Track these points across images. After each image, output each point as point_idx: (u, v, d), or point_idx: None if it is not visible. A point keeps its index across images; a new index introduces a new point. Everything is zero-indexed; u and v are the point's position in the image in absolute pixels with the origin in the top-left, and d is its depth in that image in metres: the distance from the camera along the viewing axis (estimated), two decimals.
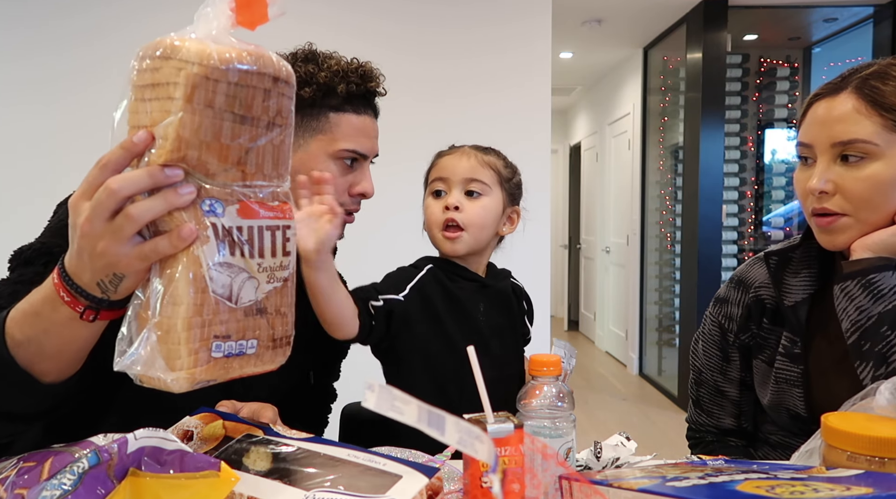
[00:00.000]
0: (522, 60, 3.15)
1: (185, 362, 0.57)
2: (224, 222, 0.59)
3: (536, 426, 0.75)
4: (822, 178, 0.92)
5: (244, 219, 0.60)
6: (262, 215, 0.61)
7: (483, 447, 0.46)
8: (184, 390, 0.59)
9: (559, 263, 7.12)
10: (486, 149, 1.14)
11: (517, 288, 1.22)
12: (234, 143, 0.58)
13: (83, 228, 0.59)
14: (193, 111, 0.55)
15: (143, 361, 0.58)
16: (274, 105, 0.60)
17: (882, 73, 0.91)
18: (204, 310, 0.58)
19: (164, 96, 0.55)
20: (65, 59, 2.97)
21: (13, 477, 0.60)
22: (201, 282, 0.58)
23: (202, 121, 0.55)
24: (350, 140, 1.02)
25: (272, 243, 0.62)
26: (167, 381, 0.58)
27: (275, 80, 0.60)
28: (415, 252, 1.15)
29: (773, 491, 0.51)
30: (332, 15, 3.05)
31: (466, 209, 1.09)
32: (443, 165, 1.12)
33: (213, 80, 0.55)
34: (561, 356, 0.93)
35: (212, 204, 0.59)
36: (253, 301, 0.62)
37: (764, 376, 1.06)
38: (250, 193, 0.61)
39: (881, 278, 0.88)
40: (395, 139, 2.99)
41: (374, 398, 0.48)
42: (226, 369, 0.61)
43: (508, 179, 1.14)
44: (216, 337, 0.59)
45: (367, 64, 1.05)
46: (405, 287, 1.06)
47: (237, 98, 0.57)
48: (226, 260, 0.59)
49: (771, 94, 4.43)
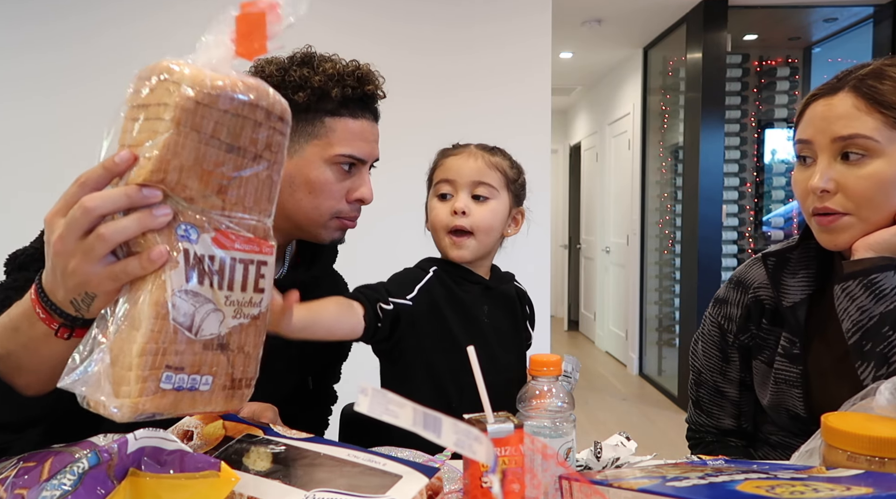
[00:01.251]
0: (522, 58, 3.15)
1: (131, 390, 0.54)
2: (196, 249, 0.57)
3: (536, 426, 0.75)
4: (823, 176, 0.92)
5: (218, 248, 0.58)
6: (237, 248, 0.59)
7: (482, 448, 0.46)
8: (126, 420, 0.55)
9: (559, 263, 7.12)
10: (491, 149, 1.13)
11: (521, 292, 1.22)
12: (217, 170, 0.57)
13: (56, 245, 0.58)
14: (179, 133, 0.54)
15: (91, 382, 0.55)
16: (263, 138, 0.59)
17: (878, 72, 0.91)
18: (161, 337, 0.55)
19: (154, 117, 0.55)
20: (65, 56, 2.97)
21: (13, 477, 0.60)
22: (163, 308, 0.55)
23: (186, 143, 0.55)
24: (346, 145, 0.99)
25: (244, 277, 0.60)
26: (110, 408, 0.55)
27: (268, 114, 0.59)
28: (414, 251, 1.15)
29: (773, 491, 0.51)
30: (332, 12, 3.05)
31: (474, 214, 1.07)
32: (449, 167, 1.10)
33: (203, 104, 0.54)
34: (568, 370, 0.94)
35: (187, 229, 0.57)
36: (215, 335, 0.58)
37: (763, 376, 1.06)
38: (229, 223, 0.59)
39: (883, 278, 0.88)
40: (394, 137, 2.98)
41: (368, 402, 0.48)
42: (174, 404, 0.57)
43: (514, 179, 1.13)
44: (168, 367, 0.56)
45: (365, 66, 1.03)
46: (413, 288, 1.05)
47: (225, 126, 0.56)
48: (192, 288, 0.56)
49: (771, 94, 4.43)
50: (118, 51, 2.93)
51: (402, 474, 0.64)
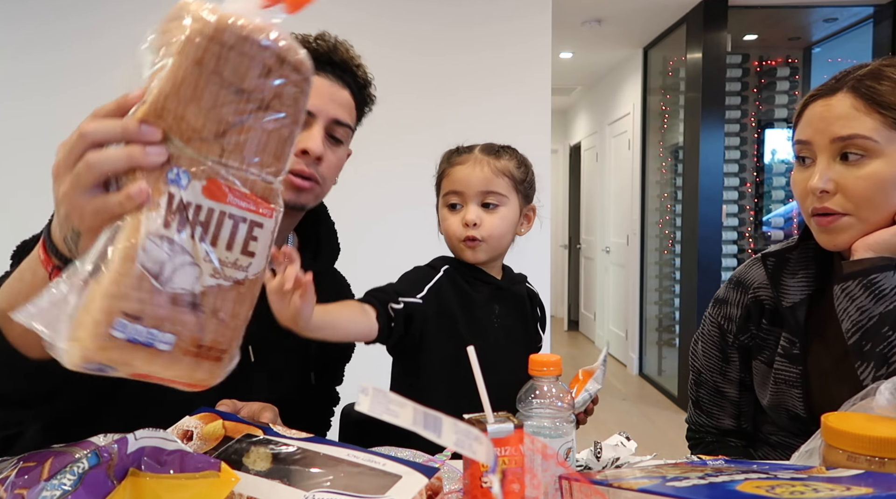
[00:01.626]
0: (522, 58, 3.16)
1: (83, 334, 0.50)
2: (183, 195, 0.53)
3: (536, 426, 0.75)
4: (822, 176, 0.92)
5: (207, 199, 0.54)
6: (230, 201, 0.55)
7: (482, 448, 0.46)
8: (74, 367, 0.51)
9: (559, 263, 7.12)
10: (497, 151, 1.12)
11: (532, 293, 1.22)
12: (216, 110, 0.54)
13: (54, 170, 0.57)
14: (180, 66, 0.52)
15: (48, 319, 0.51)
16: (272, 86, 0.55)
17: (876, 73, 0.91)
18: (124, 280, 0.50)
19: (165, 55, 0.53)
20: (65, 56, 2.97)
21: (13, 477, 0.60)
22: (132, 250, 0.51)
23: (186, 76, 0.52)
24: None
25: (231, 235, 0.55)
26: (59, 348, 0.51)
27: (281, 61, 0.55)
28: (416, 249, 1.15)
29: (773, 491, 0.51)
30: (332, 12, 3.04)
31: (485, 223, 1.08)
32: (456, 178, 1.10)
33: (207, 37, 0.52)
34: (591, 390, 0.95)
35: (178, 174, 0.53)
36: (187, 291, 0.53)
37: (763, 376, 1.06)
38: (225, 174, 0.55)
39: (883, 278, 0.88)
40: (395, 135, 3.00)
41: (368, 402, 0.47)
42: (125, 358, 0.51)
43: (522, 180, 1.12)
44: (124, 315, 0.50)
45: (333, 36, 1.05)
46: (423, 288, 1.05)
47: (230, 63, 0.53)
48: (169, 235, 0.52)
49: (771, 94, 4.43)
50: (118, 51, 2.93)
51: (401, 474, 0.64)
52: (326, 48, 1.02)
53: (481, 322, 1.09)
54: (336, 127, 1.03)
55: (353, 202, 3.06)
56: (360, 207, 2.99)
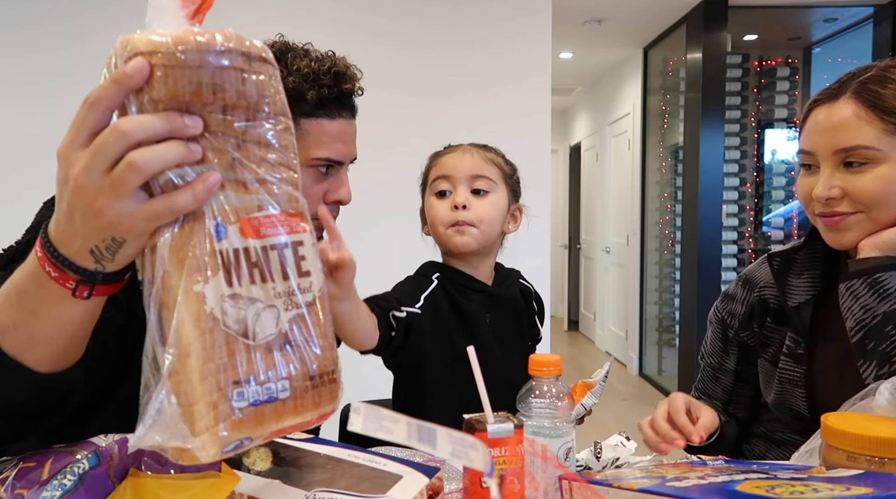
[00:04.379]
0: (522, 58, 3.16)
1: (206, 422, 0.47)
2: (228, 246, 0.50)
3: (536, 426, 0.75)
4: (827, 185, 0.92)
5: (248, 238, 0.51)
6: (265, 233, 0.52)
7: (478, 456, 0.46)
8: (214, 459, 0.48)
9: (559, 263, 7.12)
10: (485, 146, 1.13)
11: (526, 290, 1.21)
12: (215, 140, 0.51)
13: (79, 179, 0.50)
14: (156, 109, 0.49)
15: (163, 428, 0.48)
16: (253, 90, 0.51)
17: (881, 76, 0.91)
18: (216, 353, 0.48)
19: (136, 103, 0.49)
20: (65, 56, 2.97)
21: (13, 477, 0.60)
22: (207, 321, 0.48)
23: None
24: (323, 147, 0.95)
25: (281, 264, 0.52)
26: (192, 450, 0.47)
27: (248, 59, 0.51)
28: (412, 252, 1.15)
29: (772, 491, 0.51)
30: (332, 12, 3.05)
31: (475, 207, 1.07)
32: (444, 164, 1.10)
33: (169, 67, 0.48)
34: (587, 404, 0.96)
35: (217, 225, 0.50)
36: (275, 334, 0.51)
37: (768, 375, 1.06)
38: (251, 205, 0.52)
39: (888, 278, 0.88)
40: (394, 136, 3.00)
41: (361, 420, 0.47)
42: (257, 422, 0.49)
43: (510, 175, 1.13)
44: (236, 384, 0.48)
45: (342, 61, 0.98)
46: (419, 298, 1.04)
47: (204, 83, 0.49)
48: (235, 291, 0.50)
49: (771, 94, 4.43)
50: None
51: (402, 474, 0.64)
52: (351, 89, 0.97)
53: (473, 332, 1.08)
54: (351, 163, 1.03)
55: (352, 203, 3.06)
56: (359, 207, 2.98)
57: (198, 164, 0.50)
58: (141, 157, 0.48)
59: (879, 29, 3.86)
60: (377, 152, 2.92)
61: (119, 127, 0.48)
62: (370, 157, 2.89)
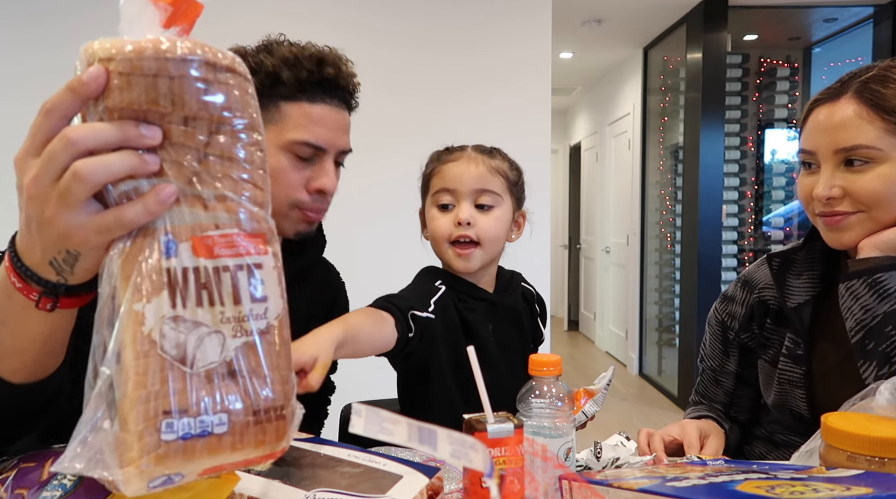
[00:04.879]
0: (522, 58, 3.16)
1: (132, 454, 0.44)
2: (176, 264, 0.46)
3: (536, 426, 0.75)
4: (827, 185, 0.92)
5: (200, 258, 0.47)
6: (219, 253, 0.48)
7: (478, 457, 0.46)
8: (139, 494, 0.45)
9: (559, 263, 7.12)
10: (490, 151, 1.08)
11: (528, 294, 1.20)
12: (174, 151, 0.47)
13: (29, 188, 0.48)
14: (111, 118, 0.46)
15: (88, 455, 0.44)
16: (217, 101, 0.48)
17: (882, 76, 0.90)
18: (148, 379, 0.44)
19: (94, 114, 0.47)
20: (65, 56, 2.97)
21: (13, 477, 0.60)
22: (143, 343, 0.44)
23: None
24: (302, 130, 0.93)
25: (233, 287, 0.48)
26: (116, 482, 0.44)
27: (213, 69, 0.48)
28: (413, 253, 1.14)
29: (773, 491, 0.51)
30: (332, 12, 3.05)
31: (479, 223, 1.03)
32: (448, 174, 1.04)
33: (126, 75, 0.46)
34: (588, 411, 0.95)
35: (168, 242, 0.47)
36: (218, 362, 0.47)
37: (768, 376, 1.06)
38: (207, 222, 0.48)
39: (888, 278, 0.88)
40: (394, 136, 3.00)
41: (362, 422, 0.47)
42: (188, 457, 0.45)
43: (516, 182, 1.09)
44: (166, 414, 0.44)
45: (331, 51, 0.97)
46: (430, 302, 1.01)
47: (161, 92, 0.46)
48: (178, 313, 0.46)
49: (771, 94, 4.43)
50: None
51: (402, 474, 0.64)
52: (335, 74, 0.96)
53: (475, 341, 1.05)
54: (342, 155, 1.00)
55: (352, 203, 3.06)
56: (360, 207, 2.99)
57: (155, 176, 0.47)
58: (86, 166, 0.45)
59: (879, 29, 3.86)
60: (377, 153, 2.93)
61: (67, 134, 0.46)
62: (371, 158, 2.89)
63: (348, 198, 2.97)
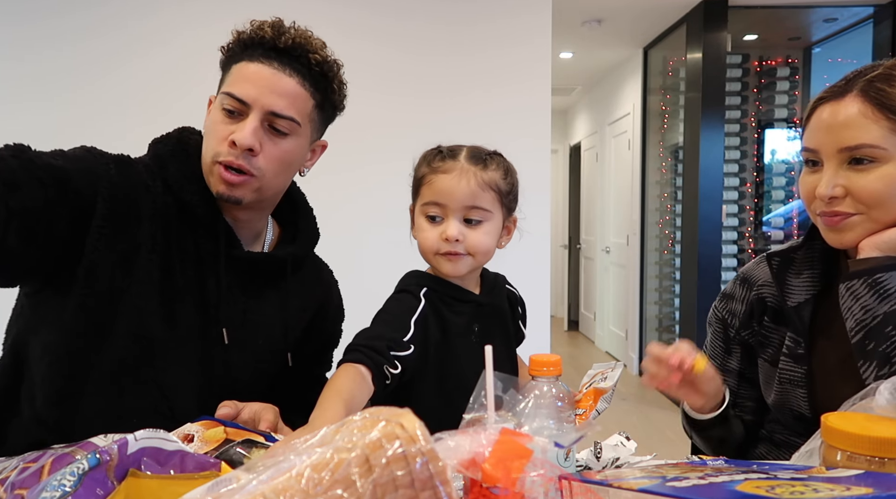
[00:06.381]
0: (522, 58, 3.16)
1: None
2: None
3: (536, 426, 0.75)
4: (830, 183, 0.91)
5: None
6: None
7: None
8: None
9: (559, 263, 7.12)
10: (484, 159, 1.04)
11: (512, 296, 1.20)
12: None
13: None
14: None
15: None
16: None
17: (887, 75, 0.90)
18: None
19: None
20: (65, 55, 2.97)
21: (13, 477, 0.60)
22: None
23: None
24: (231, 85, 0.97)
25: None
26: None
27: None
28: (413, 254, 1.14)
29: (773, 491, 0.50)
30: (332, 12, 3.05)
31: (468, 239, 1.02)
32: (438, 188, 1.02)
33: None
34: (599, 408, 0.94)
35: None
36: None
37: (768, 375, 1.06)
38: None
39: (888, 278, 0.87)
40: (393, 137, 3.00)
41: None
42: None
43: (508, 193, 1.06)
44: None
45: (293, 25, 1.01)
46: (409, 324, 0.98)
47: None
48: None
49: (771, 94, 4.43)
50: (118, 51, 2.93)
51: None
52: (272, 34, 0.98)
53: (460, 345, 1.05)
54: (276, 119, 0.98)
55: (352, 203, 3.06)
56: (361, 208, 2.99)
57: None
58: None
59: (879, 29, 3.86)
60: (377, 154, 2.93)
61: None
62: (371, 158, 2.88)
63: (350, 198, 2.97)
